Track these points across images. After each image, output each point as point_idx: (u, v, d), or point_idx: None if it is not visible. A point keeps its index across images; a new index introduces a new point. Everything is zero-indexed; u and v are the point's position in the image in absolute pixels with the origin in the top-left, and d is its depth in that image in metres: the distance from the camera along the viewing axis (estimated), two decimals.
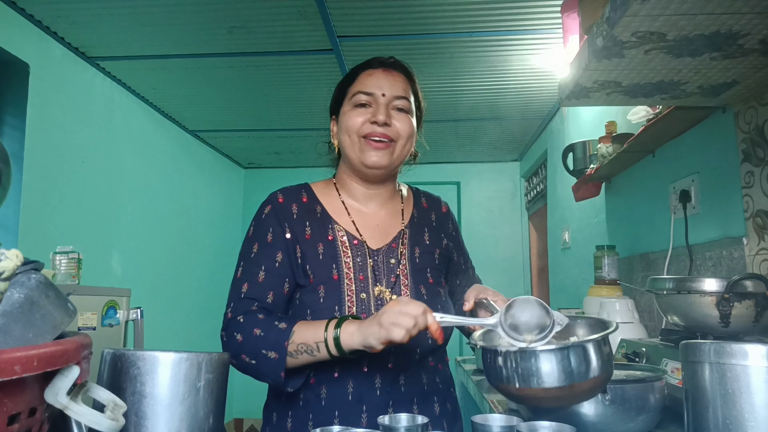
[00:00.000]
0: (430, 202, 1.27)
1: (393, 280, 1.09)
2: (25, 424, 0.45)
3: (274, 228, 1.09)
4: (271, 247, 1.07)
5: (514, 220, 5.14)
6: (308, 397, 1.03)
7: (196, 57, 2.91)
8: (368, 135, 1.08)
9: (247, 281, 1.05)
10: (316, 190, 1.17)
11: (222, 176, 4.85)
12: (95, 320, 2.20)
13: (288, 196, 1.14)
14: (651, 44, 1.04)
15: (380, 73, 1.12)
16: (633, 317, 1.67)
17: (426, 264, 1.14)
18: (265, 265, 1.06)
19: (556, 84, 3.08)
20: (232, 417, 4.79)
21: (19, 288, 0.52)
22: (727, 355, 0.68)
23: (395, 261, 1.11)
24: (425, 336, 1.05)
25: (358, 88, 1.11)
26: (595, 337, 0.78)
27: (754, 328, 1.05)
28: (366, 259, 1.09)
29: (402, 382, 1.05)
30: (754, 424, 0.65)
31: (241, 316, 1.01)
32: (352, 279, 1.06)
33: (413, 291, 1.09)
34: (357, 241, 1.10)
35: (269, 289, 1.04)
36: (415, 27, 2.60)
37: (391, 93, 1.10)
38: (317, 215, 1.12)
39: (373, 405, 1.01)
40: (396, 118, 1.10)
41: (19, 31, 2.47)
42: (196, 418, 0.71)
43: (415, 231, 1.18)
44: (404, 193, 1.25)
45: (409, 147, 1.15)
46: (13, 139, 2.49)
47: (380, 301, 1.06)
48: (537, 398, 0.78)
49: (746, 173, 1.41)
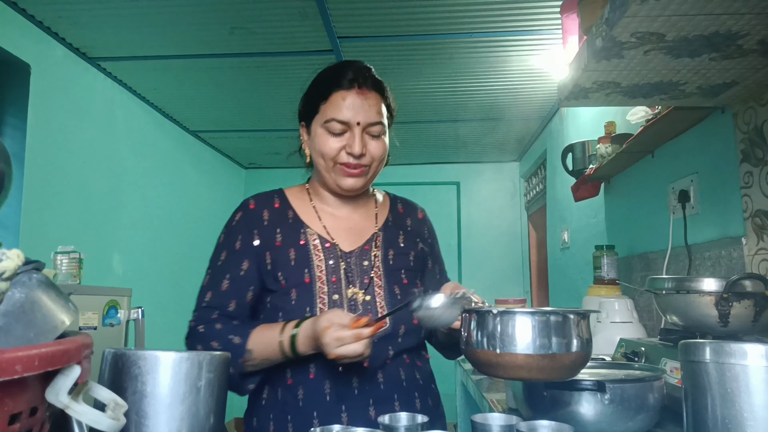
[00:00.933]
0: (407, 208, 1.27)
1: (366, 281, 1.10)
2: (26, 423, 0.46)
3: (243, 235, 1.11)
4: (238, 254, 1.10)
5: (513, 220, 5.14)
6: (286, 399, 1.04)
7: (197, 57, 2.92)
8: (344, 163, 1.09)
9: (211, 290, 1.09)
10: (289, 196, 1.18)
11: (223, 176, 4.85)
12: (96, 320, 2.20)
13: (260, 203, 1.15)
14: (650, 45, 1.04)
15: (354, 96, 1.07)
16: (632, 317, 1.67)
17: (400, 265, 1.14)
18: (230, 273, 1.09)
19: (556, 84, 3.08)
20: (232, 416, 4.79)
21: (21, 288, 0.52)
22: (726, 355, 0.68)
23: (368, 263, 1.12)
24: (396, 334, 1.07)
25: (333, 115, 1.07)
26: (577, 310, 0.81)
27: (753, 327, 1.05)
28: (338, 261, 1.10)
29: (381, 379, 1.05)
30: (753, 423, 0.65)
31: (202, 326, 1.05)
32: (325, 281, 1.07)
33: (387, 292, 1.10)
34: (329, 244, 1.11)
35: (232, 297, 1.08)
36: (415, 27, 2.60)
37: (366, 121, 1.07)
38: (289, 220, 1.13)
39: (353, 404, 1.02)
40: (370, 144, 1.09)
41: (20, 32, 2.47)
42: (197, 418, 0.72)
43: (389, 234, 1.18)
44: (379, 198, 1.25)
45: (382, 166, 1.15)
46: (14, 140, 2.49)
47: (353, 302, 1.07)
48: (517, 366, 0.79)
49: (745, 173, 1.41)
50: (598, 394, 0.86)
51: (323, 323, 0.91)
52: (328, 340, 0.89)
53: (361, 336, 0.88)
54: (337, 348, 0.88)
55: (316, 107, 1.11)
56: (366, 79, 1.10)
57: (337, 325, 0.89)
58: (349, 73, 1.09)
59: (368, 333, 0.89)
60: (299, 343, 0.97)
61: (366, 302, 1.08)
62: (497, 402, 1.33)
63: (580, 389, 0.87)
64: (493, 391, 1.49)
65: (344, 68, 1.10)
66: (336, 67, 1.12)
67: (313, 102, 1.11)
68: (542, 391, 0.90)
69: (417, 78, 3.20)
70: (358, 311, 1.06)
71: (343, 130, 1.07)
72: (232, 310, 1.07)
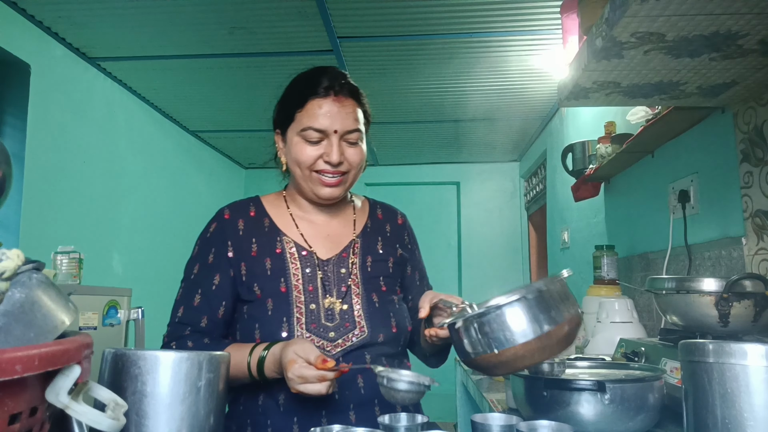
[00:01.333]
0: (386, 214, 1.25)
1: (344, 289, 1.08)
2: (26, 423, 0.46)
3: (216, 248, 1.09)
4: (211, 268, 1.08)
5: (513, 220, 5.14)
6: (267, 404, 1.03)
7: (196, 57, 2.92)
8: (321, 171, 1.07)
9: (183, 304, 1.08)
10: (265, 203, 1.16)
11: (222, 176, 4.85)
12: (96, 320, 2.20)
13: (234, 212, 1.13)
14: (650, 45, 1.04)
15: (331, 103, 1.06)
16: (632, 317, 1.67)
17: (379, 272, 1.13)
18: (202, 288, 1.07)
19: (556, 84, 3.08)
20: None
21: (21, 288, 0.52)
22: (726, 355, 0.68)
23: (346, 271, 1.10)
24: (375, 342, 1.06)
25: (309, 123, 1.05)
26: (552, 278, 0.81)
27: (753, 327, 1.05)
28: (315, 269, 1.08)
29: (361, 384, 1.04)
30: (753, 423, 0.65)
31: (174, 343, 1.05)
32: (301, 290, 1.06)
33: (364, 299, 1.08)
34: (306, 251, 1.10)
35: (204, 313, 1.06)
36: (415, 27, 2.60)
37: (343, 128, 1.06)
38: (265, 229, 1.12)
39: (333, 409, 1.01)
40: (348, 152, 1.08)
41: (20, 32, 2.47)
42: (197, 418, 0.72)
43: (368, 241, 1.16)
44: (358, 204, 1.23)
45: (361, 172, 1.14)
46: (14, 140, 2.49)
47: (330, 312, 1.05)
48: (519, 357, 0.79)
49: (745, 173, 1.41)
50: (598, 394, 0.86)
51: (289, 355, 0.90)
52: (291, 375, 0.88)
53: (324, 378, 0.88)
54: (300, 385, 0.88)
55: (291, 115, 1.09)
56: (342, 86, 1.08)
57: (303, 362, 0.88)
58: (324, 80, 1.07)
59: (332, 376, 0.88)
60: (266, 368, 0.96)
61: (343, 311, 1.06)
62: (497, 402, 1.33)
63: (580, 389, 0.87)
64: (493, 391, 1.49)
65: (319, 75, 1.09)
66: (310, 74, 1.10)
67: (289, 110, 1.10)
68: (542, 391, 0.90)
69: (417, 78, 3.20)
70: (335, 321, 1.05)
71: (320, 138, 1.06)
72: (204, 326, 1.06)
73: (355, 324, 1.06)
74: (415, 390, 0.83)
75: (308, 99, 1.07)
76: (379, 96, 3.46)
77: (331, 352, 1.02)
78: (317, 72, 1.10)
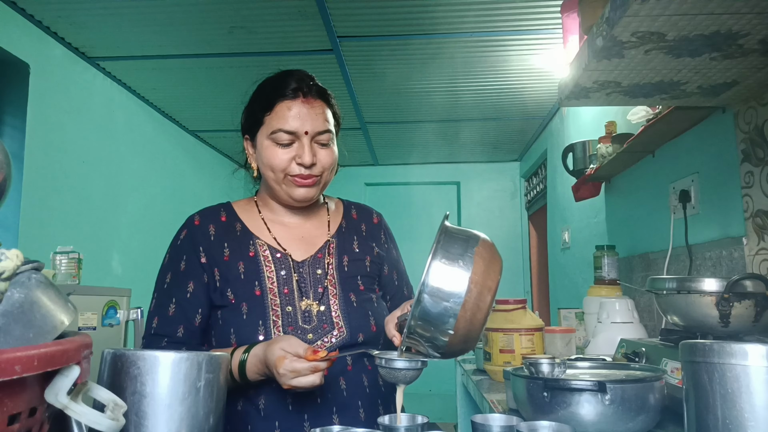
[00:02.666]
0: (361, 213, 1.24)
1: (320, 290, 1.07)
2: (26, 424, 0.46)
3: (187, 255, 1.08)
4: (184, 276, 1.07)
5: (514, 220, 5.14)
6: (247, 409, 1.01)
7: (196, 57, 2.91)
8: (296, 175, 1.06)
9: (158, 315, 1.06)
10: (236, 208, 1.15)
11: (222, 176, 4.85)
12: (95, 320, 2.20)
13: (205, 218, 1.12)
14: (651, 44, 1.04)
15: (300, 105, 1.05)
16: (633, 317, 1.67)
17: (356, 272, 1.12)
18: (176, 297, 1.06)
19: (556, 84, 3.08)
20: None
21: (20, 288, 0.52)
22: (727, 355, 0.68)
23: (322, 271, 1.09)
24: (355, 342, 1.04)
25: (279, 125, 1.04)
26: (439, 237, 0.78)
27: (753, 328, 1.05)
28: (291, 272, 1.07)
29: (343, 386, 1.03)
30: (754, 424, 0.65)
31: None
32: (276, 293, 1.04)
33: (342, 300, 1.07)
34: (280, 254, 1.08)
35: (179, 323, 1.05)
36: (415, 27, 2.60)
37: (314, 129, 1.05)
38: (237, 233, 1.10)
39: (316, 413, 1.00)
40: (320, 153, 1.07)
41: (20, 31, 2.47)
42: (197, 418, 0.71)
43: (343, 240, 1.15)
44: (332, 207, 1.22)
45: (333, 173, 1.13)
46: (13, 139, 2.49)
47: (308, 314, 1.04)
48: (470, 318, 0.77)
49: (746, 173, 1.41)
50: (599, 394, 0.86)
51: (277, 352, 0.88)
52: (283, 371, 0.87)
53: (317, 368, 0.87)
54: (293, 379, 0.87)
55: (260, 119, 1.08)
56: (310, 88, 1.08)
57: (292, 356, 0.87)
58: (291, 82, 1.07)
59: (324, 366, 0.87)
60: (249, 370, 0.94)
61: (321, 313, 1.05)
62: (497, 402, 1.33)
63: (580, 390, 0.87)
64: (494, 392, 1.49)
65: (286, 78, 1.08)
66: (277, 77, 1.10)
67: (257, 114, 1.09)
68: (543, 392, 0.90)
69: (417, 77, 3.20)
70: (313, 323, 1.04)
71: (290, 141, 1.05)
72: (180, 336, 1.04)
73: (333, 325, 1.04)
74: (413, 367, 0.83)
75: (276, 102, 1.06)
76: (378, 96, 3.46)
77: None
78: (284, 75, 1.10)
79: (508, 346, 1.57)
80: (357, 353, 0.95)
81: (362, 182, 5.19)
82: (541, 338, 1.54)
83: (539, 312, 4.32)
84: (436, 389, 4.44)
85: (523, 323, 1.51)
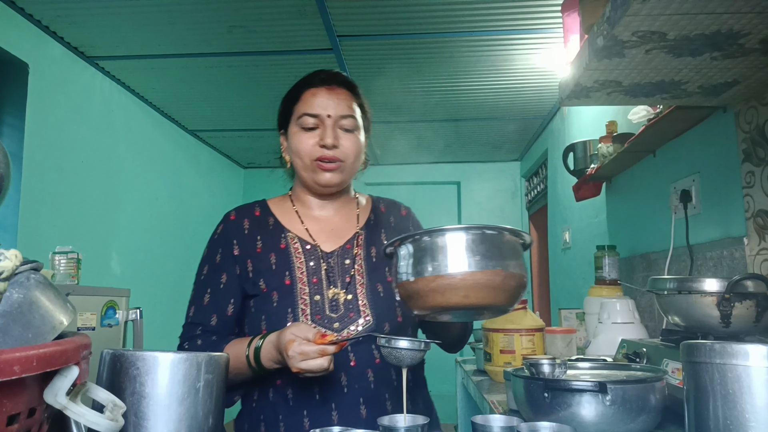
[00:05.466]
0: (389, 207, 1.27)
1: (348, 280, 1.11)
2: (25, 424, 0.45)
3: (222, 248, 1.14)
4: (218, 268, 1.13)
5: (514, 219, 5.14)
6: (276, 400, 1.05)
7: (195, 56, 2.91)
8: (319, 158, 1.11)
9: (194, 305, 1.13)
10: (270, 204, 1.21)
11: (221, 176, 4.85)
12: (94, 320, 2.20)
13: (240, 213, 1.18)
14: (651, 44, 1.04)
15: (324, 92, 1.12)
16: (633, 317, 1.67)
17: (384, 263, 1.15)
18: (210, 287, 1.12)
19: (557, 83, 3.08)
20: (231, 417, 4.79)
21: (19, 288, 0.52)
22: (728, 356, 0.68)
23: (350, 262, 1.13)
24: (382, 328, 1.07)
25: (304, 110, 1.11)
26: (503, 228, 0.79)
27: (754, 328, 1.05)
28: (319, 262, 1.11)
29: (371, 379, 1.05)
30: (755, 424, 0.65)
31: (187, 343, 1.09)
32: (306, 282, 1.08)
33: (369, 289, 1.10)
34: (310, 245, 1.13)
35: (213, 311, 1.10)
36: (415, 27, 2.60)
37: (337, 113, 1.11)
38: (269, 227, 1.16)
39: (343, 404, 1.02)
40: (343, 138, 1.11)
41: (19, 31, 2.47)
42: (196, 419, 0.71)
43: (372, 233, 1.19)
44: (362, 202, 1.26)
45: (358, 163, 1.17)
46: (12, 139, 2.49)
47: (335, 303, 1.08)
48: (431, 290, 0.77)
49: (747, 173, 1.41)
50: (600, 395, 0.86)
51: (287, 336, 0.91)
52: (292, 353, 0.89)
53: (325, 352, 0.88)
54: (301, 362, 0.89)
55: (290, 110, 1.15)
56: (336, 78, 1.15)
57: (301, 339, 0.89)
58: (321, 74, 1.15)
59: (333, 350, 0.89)
60: (263, 356, 0.97)
61: (348, 301, 1.08)
62: (498, 403, 1.32)
63: (581, 390, 0.87)
64: (494, 393, 1.48)
65: (317, 72, 1.17)
66: (308, 74, 1.18)
67: (287, 107, 1.16)
68: (543, 392, 0.90)
69: (417, 77, 3.19)
70: (340, 311, 1.07)
71: (315, 124, 1.10)
72: (214, 325, 1.10)
73: (360, 313, 1.07)
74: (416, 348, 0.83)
75: (303, 90, 1.14)
76: (378, 95, 3.46)
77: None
78: (315, 71, 1.17)
79: (509, 347, 1.56)
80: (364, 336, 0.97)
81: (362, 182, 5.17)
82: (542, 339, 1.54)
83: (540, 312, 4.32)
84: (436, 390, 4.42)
85: (524, 324, 1.51)
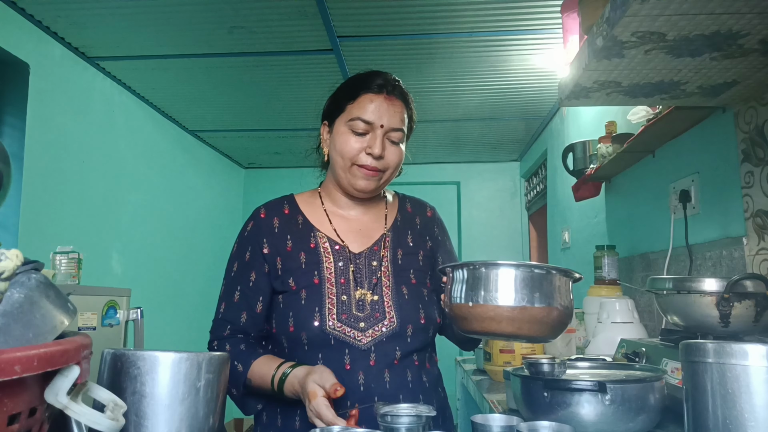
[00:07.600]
0: (415, 207, 1.29)
1: (375, 281, 1.12)
2: (25, 424, 0.45)
3: (252, 246, 1.15)
4: (248, 266, 1.14)
5: (514, 220, 5.14)
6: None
7: (196, 57, 2.91)
8: (362, 164, 1.11)
9: (225, 300, 1.15)
10: (299, 201, 1.21)
11: (222, 176, 4.85)
12: (95, 320, 2.20)
13: (270, 211, 1.19)
14: (651, 44, 1.04)
15: (382, 100, 1.12)
16: (633, 317, 1.67)
17: (409, 265, 1.17)
18: (240, 285, 1.14)
19: (556, 84, 3.08)
20: (232, 417, 4.79)
21: (20, 288, 0.52)
22: (727, 355, 0.68)
23: (377, 263, 1.15)
24: (404, 334, 1.09)
25: (358, 114, 1.10)
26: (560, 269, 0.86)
27: (754, 328, 1.05)
28: (348, 263, 1.13)
29: (387, 379, 1.07)
30: (754, 424, 0.65)
31: (216, 342, 1.13)
32: (333, 283, 1.10)
33: (394, 291, 1.12)
34: (339, 246, 1.15)
35: (243, 309, 1.13)
36: (415, 27, 2.60)
37: (389, 125, 1.11)
38: (299, 225, 1.17)
39: (358, 401, 1.03)
40: (389, 150, 1.12)
41: (19, 31, 2.47)
42: (197, 418, 0.71)
43: (398, 234, 1.21)
44: (389, 199, 1.27)
45: (396, 173, 1.19)
46: (13, 139, 2.49)
47: (361, 303, 1.10)
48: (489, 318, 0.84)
49: (746, 173, 1.41)
50: (599, 394, 0.86)
51: (310, 386, 0.93)
52: (310, 408, 0.92)
53: (335, 422, 0.90)
54: (315, 418, 0.91)
55: (342, 107, 1.14)
56: (394, 87, 1.14)
57: (322, 396, 0.91)
58: (378, 79, 1.14)
59: (342, 423, 0.90)
60: (286, 387, 1.01)
61: (374, 302, 1.10)
62: (497, 403, 1.33)
63: (580, 390, 0.87)
64: (494, 392, 1.49)
65: (375, 75, 1.15)
66: (366, 74, 1.17)
67: (341, 102, 1.15)
68: (543, 392, 0.90)
69: (417, 77, 3.19)
70: (366, 311, 1.09)
71: (365, 131, 1.11)
72: (244, 322, 1.12)
73: (384, 314, 1.09)
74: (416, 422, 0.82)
75: (361, 93, 1.13)
76: None
77: (361, 341, 1.06)
78: (374, 73, 1.17)
79: (508, 347, 1.57)
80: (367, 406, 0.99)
81: None
82: None
83: None
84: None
85: None
